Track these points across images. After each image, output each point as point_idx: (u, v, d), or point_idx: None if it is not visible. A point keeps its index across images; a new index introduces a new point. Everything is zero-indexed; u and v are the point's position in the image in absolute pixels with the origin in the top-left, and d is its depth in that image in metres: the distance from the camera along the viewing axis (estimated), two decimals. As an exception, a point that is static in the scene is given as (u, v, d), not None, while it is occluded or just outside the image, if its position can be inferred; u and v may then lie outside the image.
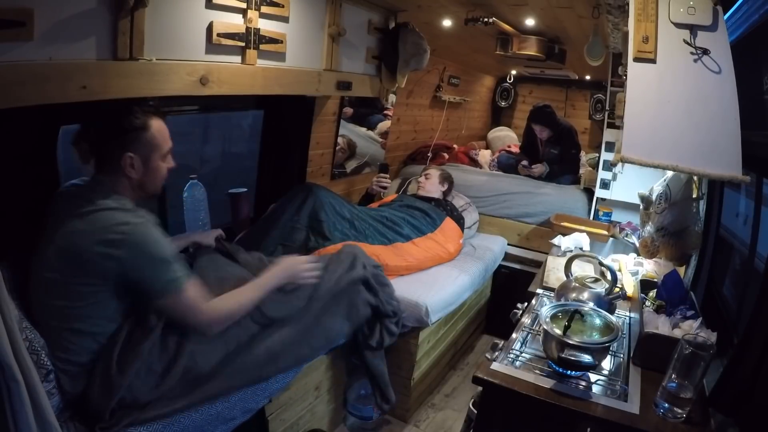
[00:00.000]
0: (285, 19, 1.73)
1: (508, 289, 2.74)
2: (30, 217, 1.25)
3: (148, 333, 1.19)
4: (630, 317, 1.58)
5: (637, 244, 2.15)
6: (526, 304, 1.60)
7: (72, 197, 1.17)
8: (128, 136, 1.19)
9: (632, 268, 1.96)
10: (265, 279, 1.43)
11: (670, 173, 1.81)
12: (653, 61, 1.23)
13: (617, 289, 1.53)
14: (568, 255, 1.83)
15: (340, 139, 2.63)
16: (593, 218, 2.78)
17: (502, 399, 1.18)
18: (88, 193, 1.16)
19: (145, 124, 1.21)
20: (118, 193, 1.19)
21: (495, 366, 1.22)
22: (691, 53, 1.20)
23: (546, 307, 1.31)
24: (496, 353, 1.27)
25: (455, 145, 3.85)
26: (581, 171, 3.37)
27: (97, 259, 1.09)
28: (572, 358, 1.14)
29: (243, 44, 1.56)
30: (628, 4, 1.29)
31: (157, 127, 1.23)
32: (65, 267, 1.10)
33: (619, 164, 1.32)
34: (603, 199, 2.78)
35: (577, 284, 1.52)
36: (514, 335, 1.39)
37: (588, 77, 4.07)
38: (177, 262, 1.19)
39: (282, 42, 1.72)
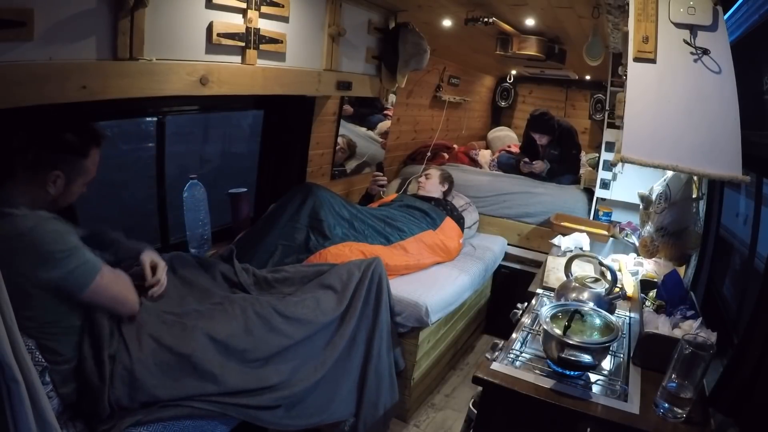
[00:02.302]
0: (285, 19, 1.73)
1: (508, 289, 2.74)
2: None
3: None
4: (630, 317, 1.57)
5: (637, 244, 2.15)
6: (526, 304, 1.60)
7: None
8: (65, 156, 1.17)
9: (632, 268, 1.96)
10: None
11: (670, 173, 1.81)
12: (653, 61, 1.23)
13: (617, 289, 1.53)
14: (568, 255, 1.83)
15: (340, 139, 2.63)
16: (593, 218, 2.78)
17: (502, 399, 1.18)
18: None
19: (85, 152, 1.19)
20: (20, 201, 1.12)
21: (495, 366, 1.22)
22: (691, 53, 1.20)
23: (546, 307, 1.31)
24: (496, 353, 1.27)
25: (455, 145, 3.85)
26: (581, 171, 3.36)
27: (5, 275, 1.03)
28: (572, 358, 1.14)
29: (243, 44, 1.57)
30: (628, 4, 1.28)
31: (94, 156, 1.22)
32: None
33: (619, 164, 1.32)
34: (603, 199, 2.78)
35: (577, 284, 1.52)
36: (514, 335, 1.39)
37: (588, 77, 4.07)
38: (80, 249, 1.14)
39: (282, 42, 1.72)
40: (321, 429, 1.78)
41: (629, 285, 1.76)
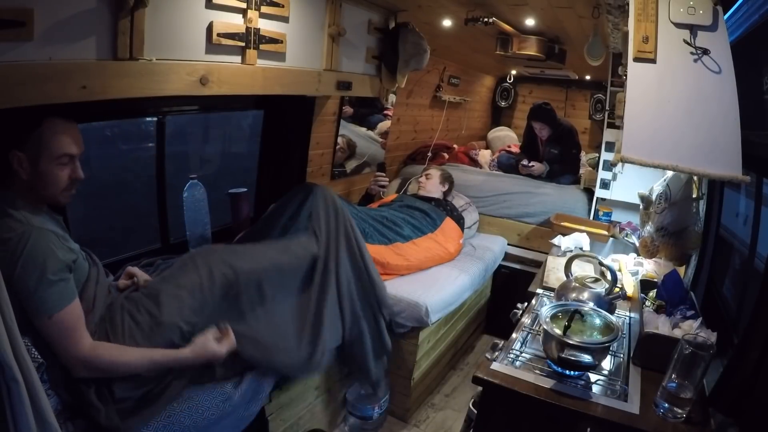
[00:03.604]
0: (285, 19, 1.73)
1: (508, 289, 2.74)
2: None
3: None
4: (630, 317, 1.57)
5: (637, 244, 2.15)
6: (526, 304, 1.60)
7: None
8: (17, 133, 1.11)
9: (632, 268, 1.96)
10: (173, 354, 1.26)
11: (670, 173, 1.81)
12: (653, 61, 1.23)
13: (617, 289, 1.53)
14: (568, 255, 1.83)
15: (340, 139, 2.62)
16: (593, 218, 2.78)
17: (502, 399, 1.18)
18: None
19: (37, 123, 1.12)
20: (10, 198, 1.10)
21: (495, 366, 1.22)
22: (691, 53, 1.20)
23: (546, 307, 1.31)
24: (496, 353, 1.27)
25: (455, 145, 3.85)
26: (581, 171, 3.37)
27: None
28: (572, 358, 1.14)
29: (243, 44, 1.56)
30: (628, 4, 1.29)
31: (51, 127, 1.13)
32: None
33: (619, 164, 1.32)
34: (603, 199, 2.78)
35: (577, 284, 1.52)
36: (514, 335, 1.39)
37: (588, 77, 4.07)
38: (58, 282, 1.08)
39: (282, 42, 1.72)
40: (322, 430, 1.79)
41: (629, 285, 1.76)
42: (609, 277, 1.53)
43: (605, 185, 2.75)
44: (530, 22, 2.38)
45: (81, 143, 1.19)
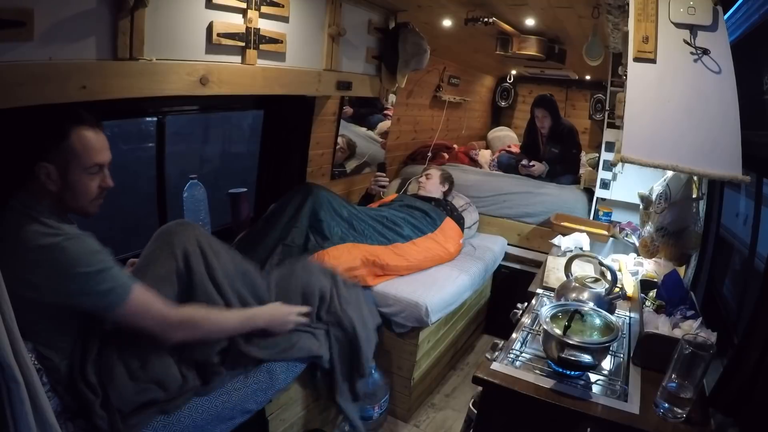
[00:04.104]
0: (285, 19, 1.73)
1: (508, 289, 2.74)
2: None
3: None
4: (630, 317, 1.57)
5: (637, 244, 2.15)
6: (526, 304, 1.60)
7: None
8: (43, 144, 1.07)
9: (632, 268, 1.96)
10: (252, 312, 1.36)
11: (670, 173, 1.81)
12: (653, 61, 1.23)
13: (617, 289, 1.53)
14: (568, 255, 1.83)
15: (340, 139, 2.62)
16: (593, 218, 2.78)
17: (502, 399, 1.18)
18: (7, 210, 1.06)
19: (64, 132, 1.08)
20: (39, 208, 1.08)
21: (495, 366, 1.22)
22: (691, 53, 1.20)
23: (546, 307, 1.31)
24: (496, 353, 1.27)
25: (455, 145, 3.85)
26: (581, 171, 3.37)
27: (21, 293, 0.96)
28: (572, 358, 1.14)
29: (243, 44, 1.57)
30: (628, 4, 1.29)
31: (80, 135, 1.10)
32: None
33: (619, 164, 1.32)
34: (603, 199, 2.78)
35: (577, 284, 1.52)
36: (514, 335, 1.39)
37: (588, 77, 4.07)
38: (112, 269, 1.10)
39: (282, 42, 1.72)
40: (322, 430, 1.79)
41: (629, 285, 1.76)
42: (609, 277, 1.53)
43: (605, 185, 2.75)
44: (530, 22, 2.38)
45: (109, 150, 1.16)
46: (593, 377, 1.22)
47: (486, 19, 2.22)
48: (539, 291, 1.76)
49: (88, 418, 1.10)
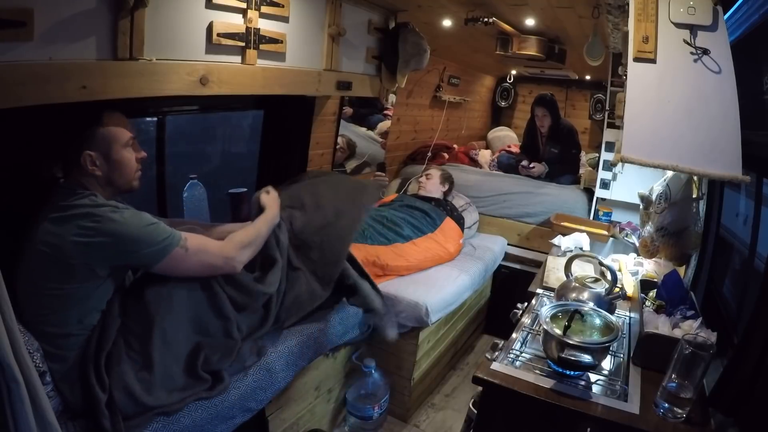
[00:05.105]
0: (285, 19, 1.73)
1: (508, 289, 2.74)
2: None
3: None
4: (630, 317, 1.57)
5: (637, 244, 2.15)
6: (526, 304, 1.60)
7: (46, 203, 1.15)
8: (83, 135, 1.17)
9: (632, 268, 1.96)
10: (264, 217, 1.50)
11: (670, 173, 1.81)
12: (653, 61, 1.23)
13: (617, 289, 1.52)
14: (568, 255, 1.83)
15: (339, 139, 2.62)
16: (593, 218, 2.78)
17: (502, 399, 1.18)
18: (56, 200, 1.14)
19: (100, 118, 1.19)
20: (87, 193, 1.17)
21: (495, 366, 1.22)
22: (691, 53, 1.20)
23: (546, 307, 1.31)
24: (496, 353, 1.27)
25: (455, 145, 3.85)
26: (581, 171, 3.37)
27: (76, 252, 1.07)
28: (572, 358, 1.14)
29: (243, 44, 1.56)
30: (628, 4, 1.29)
31: (111, 117, 1.21)
32: (47, 270, 1.09)
33: (619, 164, 1.32)
34: (603, 199, 2.78)
35: (577, 284, 1.52)
36: (514, 335, 1.39)
37: (588, 77, 4.07)
38: (161, 222, 1.20)
39: (282, 42, 1.72)
40: (322, 430, 1.79)
41: (629, 285, 1.76)
42: (609, 277, 1.53)
43: (605, 185, 2.75)
44: (530, 22, 2.38)
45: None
46: (593, 377, 1.22)
47: (486, 19, 2.22)
48: (539, 291, 1.76)
49: (91, 416, 1.10)
